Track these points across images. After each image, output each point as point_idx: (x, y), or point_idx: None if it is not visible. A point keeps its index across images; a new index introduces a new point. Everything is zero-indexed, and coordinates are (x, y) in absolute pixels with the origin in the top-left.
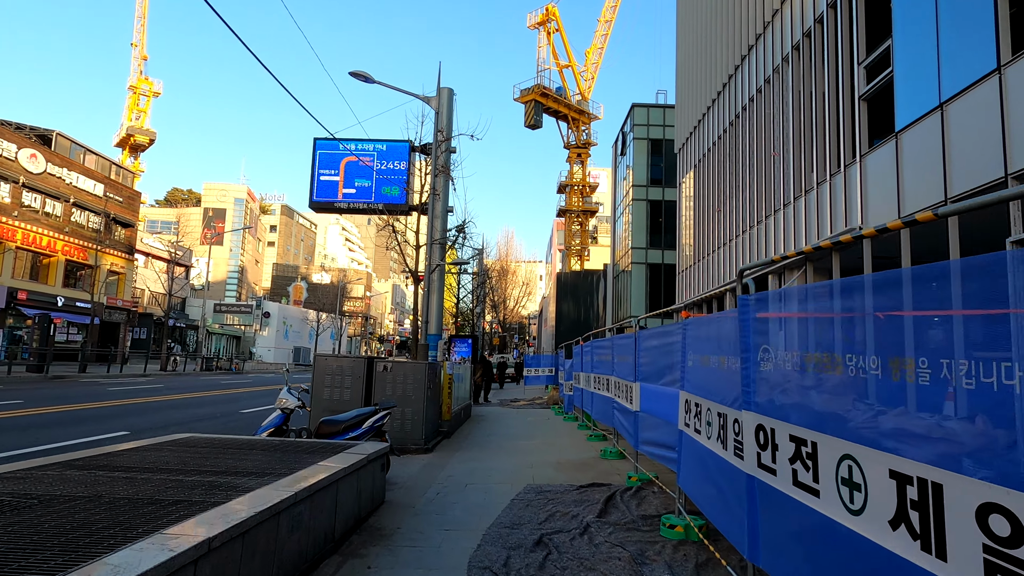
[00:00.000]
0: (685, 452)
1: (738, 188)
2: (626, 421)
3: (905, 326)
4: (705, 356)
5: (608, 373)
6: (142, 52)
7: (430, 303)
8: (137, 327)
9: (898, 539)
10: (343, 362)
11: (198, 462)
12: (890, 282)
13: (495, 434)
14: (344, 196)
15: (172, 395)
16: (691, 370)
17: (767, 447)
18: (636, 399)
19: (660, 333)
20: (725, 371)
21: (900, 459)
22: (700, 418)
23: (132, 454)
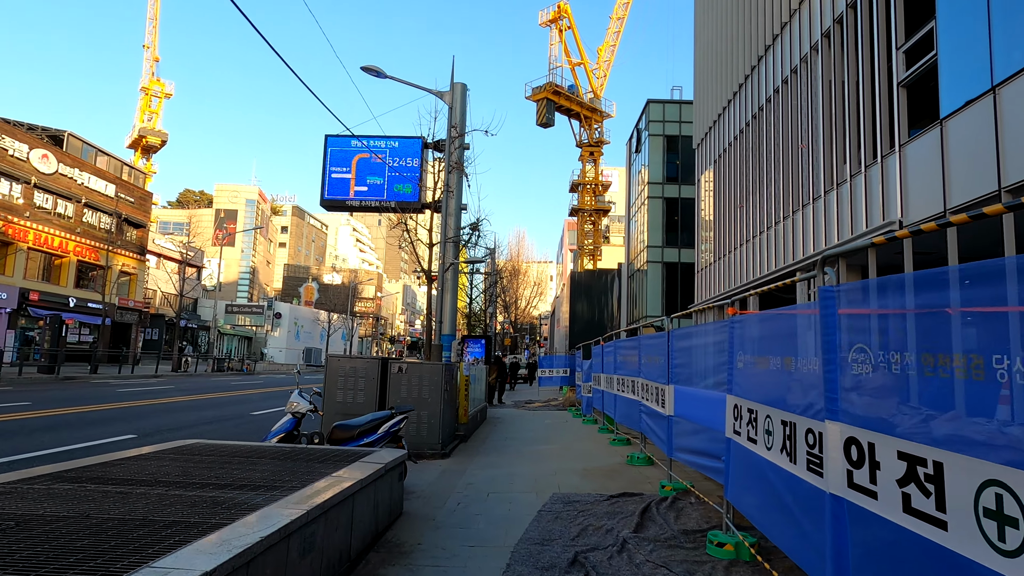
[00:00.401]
0: (735, 462)
1: (761, 183)
2: (656, 426)
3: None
4: (761, 357)
5: (634, 375)
6: (154, 54)
7: (444, 303)
8: (149, 328)
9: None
10: (356, 363)
11: (201, 473)
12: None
13: (513, 438)
14: (356, 194)
15: (182, 397)
16: (741, 372)
17: (862, 464)
18: (669, 403)
19: (699, 332)
20: (793, 374)
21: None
22: (755, 425)
23: (130, 464)
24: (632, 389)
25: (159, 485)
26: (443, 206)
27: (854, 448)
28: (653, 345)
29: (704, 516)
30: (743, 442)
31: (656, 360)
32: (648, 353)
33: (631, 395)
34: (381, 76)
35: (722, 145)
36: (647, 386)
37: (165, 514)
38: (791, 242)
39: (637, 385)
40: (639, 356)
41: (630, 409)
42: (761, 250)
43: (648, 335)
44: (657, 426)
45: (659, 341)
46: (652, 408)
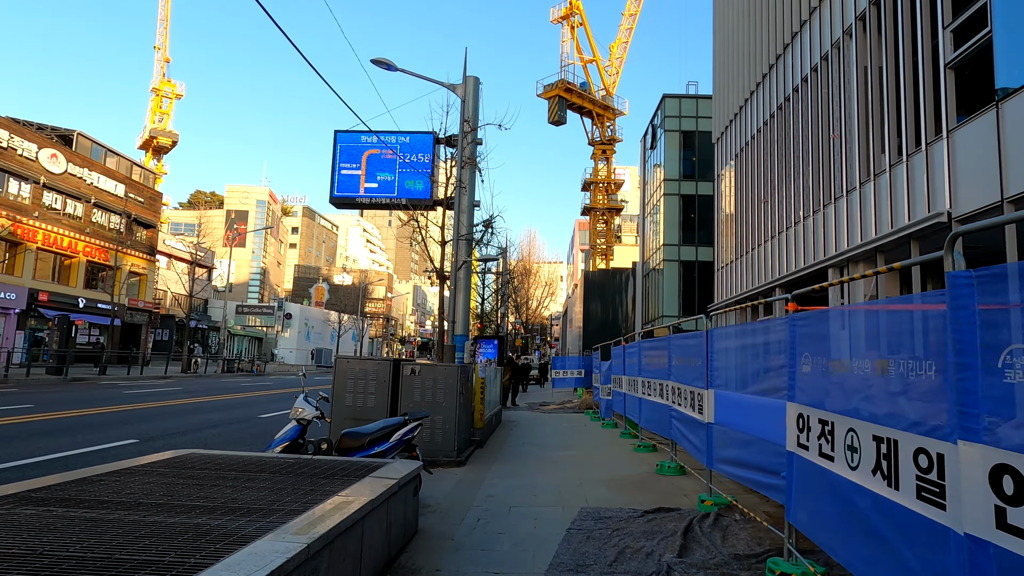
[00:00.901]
0: (800, 480)
1: (787, 177)
2: (692, 434)
3: None
4: (838, 360)
5: (662, 377)
6: (165, 55)
7: (456, 302)
8: (159, 329)
9: None
10: (367, 365)
11: (189, 492)
12: None
13: (531, 443)
14: (366, 191)
15: (189, 399)
16: (808, 377)
17: (1022, 501)
18: (709, 409)
19: (746, 331)
20: (891, 381)
21: None
22: (832, 440)
23: (111, 481)
24: (660, 393)
25: (137, 509)
26: (455, 203)
27: (1008, 479)
28: (687, 346)
29: (754, 537)
30: (812, 457)
31: (692, 362)
32: (681, 354)
33: (659, 399)
34: (392, 69)
35: (744, 139)
36: (679, 390)
37: (136, 550)
38: (821, 237)
39: (667, 389)
40: (669, 357)
41: (658, 414)
42: (788, 246)
43: (681, 335)
44: (692, 434)
45: (695, 342)
46: (686, 414)
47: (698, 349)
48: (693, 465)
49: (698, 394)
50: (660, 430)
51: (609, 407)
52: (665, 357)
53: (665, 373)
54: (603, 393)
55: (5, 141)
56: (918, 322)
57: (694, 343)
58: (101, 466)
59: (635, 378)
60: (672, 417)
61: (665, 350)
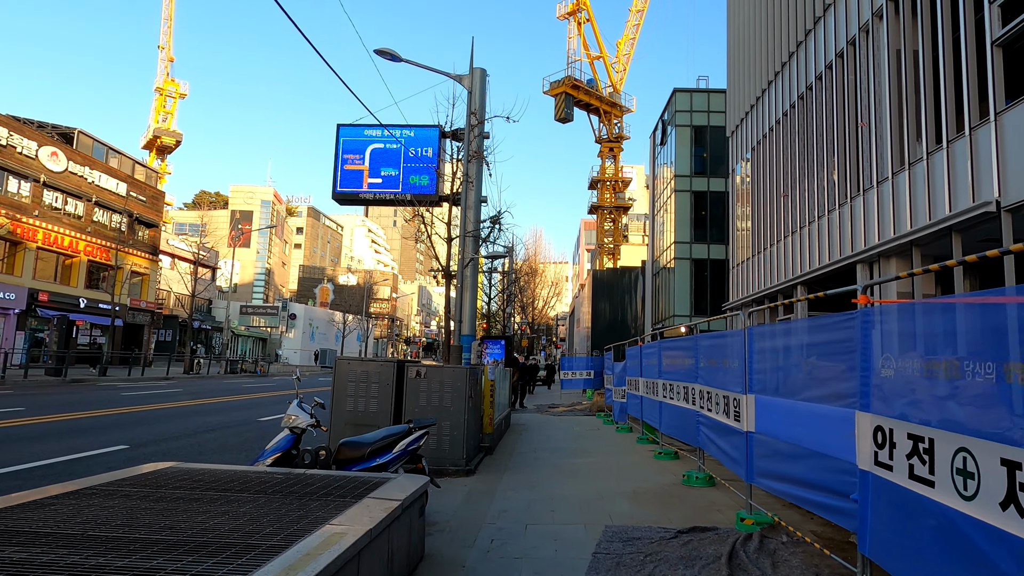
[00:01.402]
0: (881, 506)
1: (809, 169)
2: (726, 443)
3: None
4: (941, 360)
5: (687, 380)
6: (168, 54)
7: (463, 301)
8: (162, 329)
9: None
10: (368, 367)
11: (154, 520)
12: None
13: (543, 448)
14: (370, 186)
15: (188, 400)
16: (889, 383)
17: None
18: (748, 416)
19: (799, 329)
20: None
21: None
22: (930, 461)
23: (65, 505)
24: (685, 397)
25: (79, 547)
26: (462, 198)
27: None
28: (720, 346)
29: (809, 564)
30: (899, 480)
31: (725, 364)
32: (711, 355)
33: (683, 403)
34: (396, 60)
35: (761, 131)
36: (709, 394)
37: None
38: (848, 232)
39: (693, 392)
40: (696, 358)
41: (682, 419)
42: (811, 242)
43: (711, 334)
44: (727, 443)
45: (728, 341)
46: (718, 421)
47: (733, 349)
48: (723, 475)
49: (734, 399)
50: (684, 436)
51: (623, 410)
52: (690, 358)
53: (690, 375)
54: (617, 396)
55: (4, 139)
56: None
57: (728, 343)
58: (59, 485)
59: (654, 380)
60: (700, 423)
61: (690, 351)
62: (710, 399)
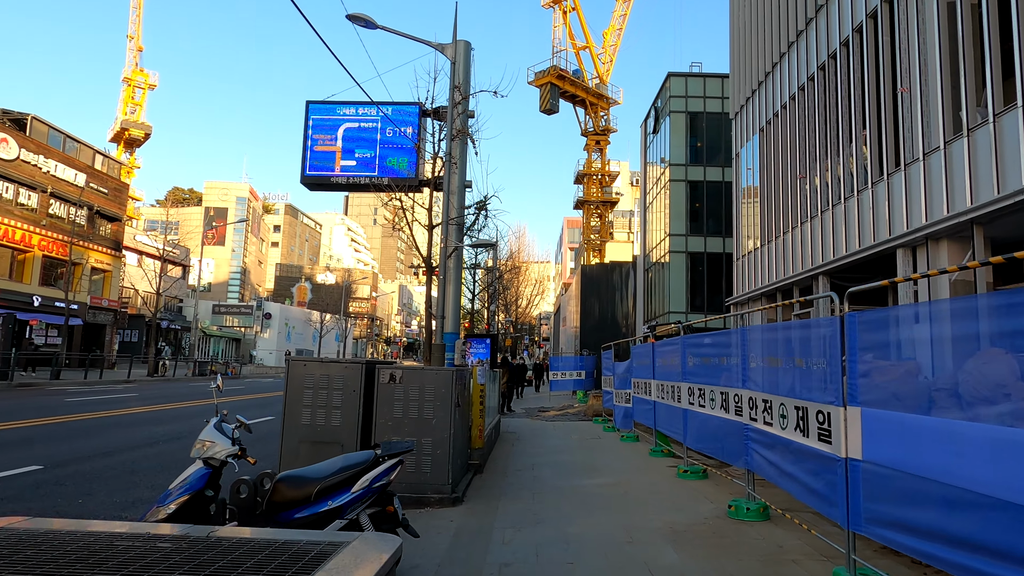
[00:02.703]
0: None
1: (833, 146)
2: (799, 470)
3: None
4: None
5: (728, 384)
6: (138, 43)
7: (446, 295)
8: (127, 329)
9: None
10: (330, 369)
11: None
12: None
13: (543, 463)
14: (343, 169)
15: (139, 407)
16: None
17: None
18: (850, 437)
19: (968, 311)
20: None
21: None
22: None
23: None
24: (723, 404)
25: None
26: (444, 181)
27: None
28: (785, 341)
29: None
30: None
31: (800, 363)
32: (769, 352)
33: (720, 413)
34: (371, 26)
35: (772, 109)
36: (767, 403)
37: None
38: (885, 212)
39: (738, 400)
40: (742, 357)
41: (718, 433)
42: (835, 227)
43: (766, 326)
44: (800, 469)
45: (810, 334)
46: (785, 439)
47: (815, 345)
48: (782, 502)
49: (819, 412)
50: (721, 453)
51: (628, 416)
52: (731, 357)
53: (732, 378)
54: (619, 399)
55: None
56: None
57: (804, 336)
58: None
59: (676, 384)
60: (750, 439)
61: (728, 348)
62: (768, 409)
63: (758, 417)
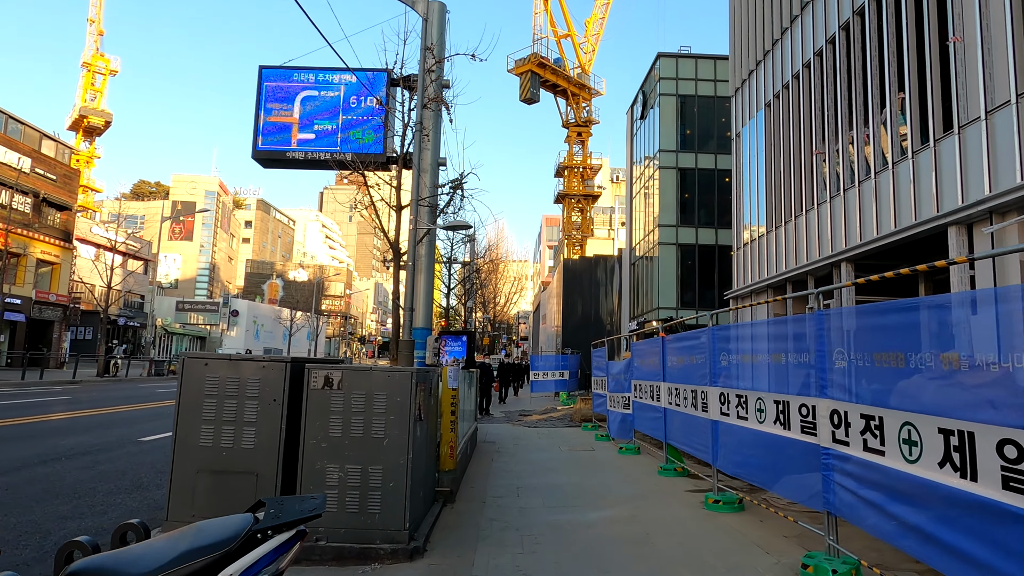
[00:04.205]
0: None
1: (859, 115)
2: (944, 522)
3: None
4: None
5: (797, 391)
6: (99, 27)
7: (416, 284)
8: (79, 327)
9: None
10: (242, 370)
11: None
12: None
13: (531, 488)
14: (300, 144)
15: (65, 413)
16: None
17: None
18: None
19: None
20: None
21: None
22: None
23: None
24: (782, 418)
25: None
26: (414, 154)
27: None
28: (919, 327)
29: None
30: None
31: (955, 364)
32: (879, 343)
33: (777, 430)
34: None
35: (781, 80)
36: (873, 423)
37: None
38: (931, 186)
39: (813, 413)
40: (820, 354)
41: (780, 457)
42: (864, 206)
43: (867, 307)
44: (945, 522)
45: (980, 315)
46: (923, 478)
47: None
48: (866, 548)
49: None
50: (776, 483)
51: (626, 424)
52: (796, 355)
53: (800, 383)
54: (614, 404)
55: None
56: None
57: (970, 319)
58: None
59: (699, 388)
60: (832, 470)
61: (788, 343)
62: (877, 429)
63: (852, 440)
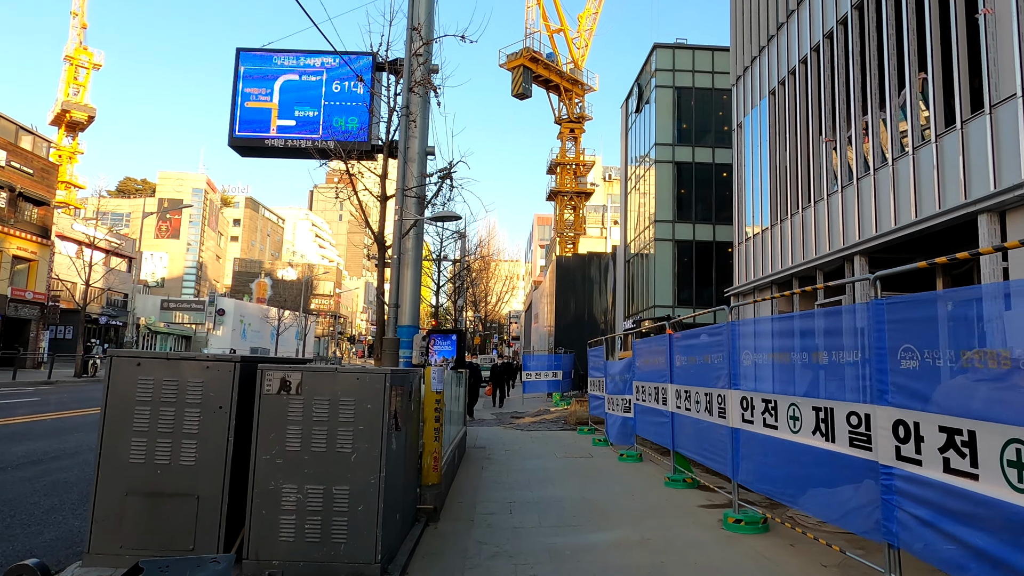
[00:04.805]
0: None
1: (870, 102)
2: None
3: None
4: None
5: (841, 396)
6: (82, 20)
7: (403, 280)
8: (59, 325)
9: None
10: (183, 371)
11: None
12: None
13: (525, 502)
14: (279, 130)
15: (26, 416)
16: None
17: None
18: None
19: None
20: None
21: None
22: None
23: None
24: (823, 428)
25: None
26: (400, 141)
27: None
28: None
29: None
30: None
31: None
32: (958, 341)
33: (819, 442)
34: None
35: (787, 66)
36: (959, 438)
37: None
38: (959, 170)
39: (867, 424)
40: (875, 350)
41: (822, 474)
42: (881, 194)
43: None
44: None
45: None
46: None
47: None
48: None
49: None
50: (807, 503)
51: (627, 428)
52: (849, 352)
53: (846, 387)
54: (614, 407)
55: None
56: None
57: None
58: None
59: (714, 391)
60: (895, 494)
61: (855, 336)
62: (965, 447)
63: (927, 458)
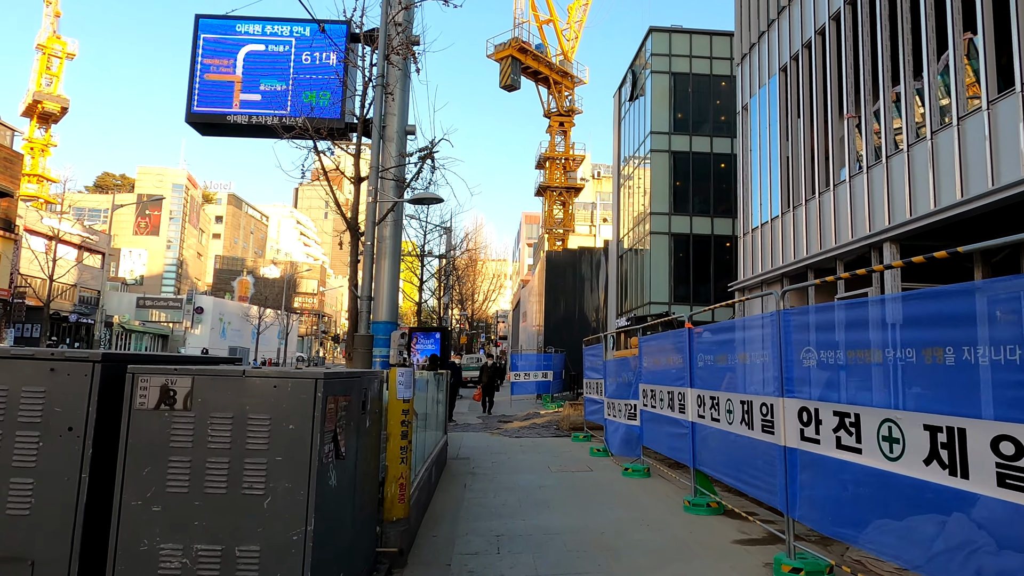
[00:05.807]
0: None
1: (904, 70)
2: None
3: None
4: None
5: (978, 413)
6: (55, 8)
7: (380, 271)
8: (26, 323)
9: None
10: (15, 376)
11: None
12: None
13: (518, 536)
14: (243, 105)
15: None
16: None
17: None
18: None
19: None
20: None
21: None
22: None
23: None
24: (943, 457)
25: None
26: (375, 113)
27: None
28: None
29: None
30: None
31: None
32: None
33: (934, 475)
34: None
35: (798, 43)
36: None
37: None
38: (1018, 142)
39: (1020, 454)
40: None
41: (938, 517)
42: (917, 173)
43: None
44: None
45: None
46: None
47: None
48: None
49: None
50: (922, 563)
51: (632, 438)
52: (998, 348)
53: (990, 399)
54: (615, 413)
55: None
56: None
57: None
58: None
59: (755, 398)
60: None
61: (999, 326)
62: None
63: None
